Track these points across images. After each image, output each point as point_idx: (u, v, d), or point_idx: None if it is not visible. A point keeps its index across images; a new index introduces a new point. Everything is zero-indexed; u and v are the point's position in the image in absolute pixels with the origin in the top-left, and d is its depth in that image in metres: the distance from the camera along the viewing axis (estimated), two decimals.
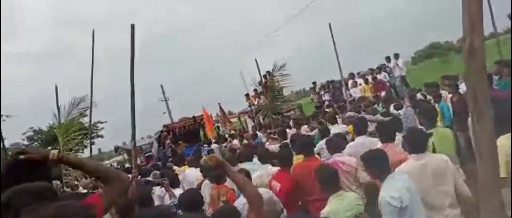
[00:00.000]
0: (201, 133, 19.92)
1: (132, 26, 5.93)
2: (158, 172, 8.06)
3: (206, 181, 6.41)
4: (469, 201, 3.74)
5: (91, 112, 10.22)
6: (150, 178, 7.81)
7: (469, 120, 3.10)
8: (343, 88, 14.95)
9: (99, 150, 41.80)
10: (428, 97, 9.17)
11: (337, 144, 5.58)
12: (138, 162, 17.28)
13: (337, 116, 10.68)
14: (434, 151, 4.40)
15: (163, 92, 35.28)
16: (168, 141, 18.11)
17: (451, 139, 4.78)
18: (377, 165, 3.62)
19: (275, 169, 5.76)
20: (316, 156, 5.88)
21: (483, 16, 1.79)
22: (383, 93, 13.67)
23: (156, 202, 6.61)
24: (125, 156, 25.03)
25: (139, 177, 7.31)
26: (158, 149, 18.41)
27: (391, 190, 3.37)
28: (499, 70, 7.78)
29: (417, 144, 3.90)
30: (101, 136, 33.69)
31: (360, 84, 16.37)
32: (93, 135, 23.35)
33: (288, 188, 4.87)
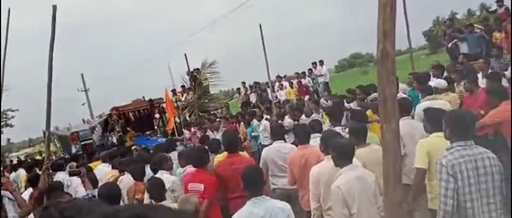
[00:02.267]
0: (156, 119, 17.14)
1: (54, 8, 5.58)
2: (74, 164, 7.66)
3: (125, 177, 6.23)
4: None
5: (0, 97, 9.37)
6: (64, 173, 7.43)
7: None
8: (269, 90, 15.30)
9: (8, 140, 38.51)
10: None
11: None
12: (74, 151, 15.21)
13: (264, 116, 11.02)
14: None
15: (84, 82, 33.42)
16: (118, 128, 15.36)
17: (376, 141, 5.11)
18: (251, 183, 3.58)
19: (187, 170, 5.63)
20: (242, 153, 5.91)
21: (395, 26, 1.98)
22: (306, 97, 14.21)
23: (73, 194, 6.31)
24: (56, 142, 21.21)
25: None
26: (102, 135, 15.76)
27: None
28: (411, 82, 8.45)
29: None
30: (11, 125, 31.20)
31: (285, 87, 16.87)
32: (2, 123, 21.34)
33: (214, 186, 4.78)
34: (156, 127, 16.79)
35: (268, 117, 11.22)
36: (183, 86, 18.14)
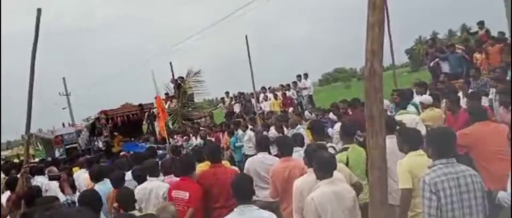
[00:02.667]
0: (145, 125, 16.43)
1: (39, 11, 5.53)
2: (55, 169, 7.52)
3: (103, 184, 6.09)
4: None
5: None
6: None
7: None
8: (253, 100, 15.33)
9: None
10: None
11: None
12: (57, 154, 14.81)
13: (249, 126, 11.05)
14: (347, 165, 4.77)
15: (65, 86, 32.96)
16: (106, 132, 14.60)
17: (364, 156, 5.18)
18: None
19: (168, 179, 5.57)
20: (224, 162, 5.92)
21: (383, 46, 2.03)
22: (290, 109, 14.30)
23: None
24: (39, 146, 19.68)
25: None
26: (88, 139, 15.01)
27: None
28: (395, 98, 8.60)
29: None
30: None
31: (270, 99, 16.95)
32: None
33: (199, 195, 4.73)
34: (146, 133, 16.19)
35: (253, 127, 11.25)
36: (166, 94, 18.03)
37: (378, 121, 1.92)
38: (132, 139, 15.28)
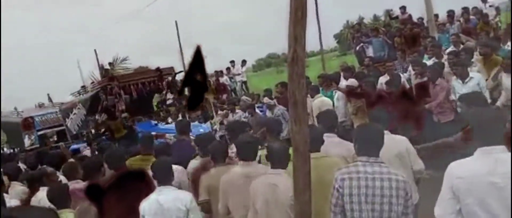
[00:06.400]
0: (157, 97, 12.26)
1: None
2: None
3: (39, 193, 5.58)
4: None
5: None
6: None
7: None
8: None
9: None
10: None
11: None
12: (27, 144, 11.89)
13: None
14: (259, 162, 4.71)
15: None
16: (121, 106, 9.98)
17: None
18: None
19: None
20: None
21: (306, 29, 2.03)
22: (224, 96, 14.28)
23: None
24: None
25: None
26: (84, 119, 10.53)
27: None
28: (322, 83, 8.88)
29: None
30: None
31: None
32: None
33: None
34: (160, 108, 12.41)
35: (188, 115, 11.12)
36: (92, 83, 17.15)
37: (301, 106, 1.93)
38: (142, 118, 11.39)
